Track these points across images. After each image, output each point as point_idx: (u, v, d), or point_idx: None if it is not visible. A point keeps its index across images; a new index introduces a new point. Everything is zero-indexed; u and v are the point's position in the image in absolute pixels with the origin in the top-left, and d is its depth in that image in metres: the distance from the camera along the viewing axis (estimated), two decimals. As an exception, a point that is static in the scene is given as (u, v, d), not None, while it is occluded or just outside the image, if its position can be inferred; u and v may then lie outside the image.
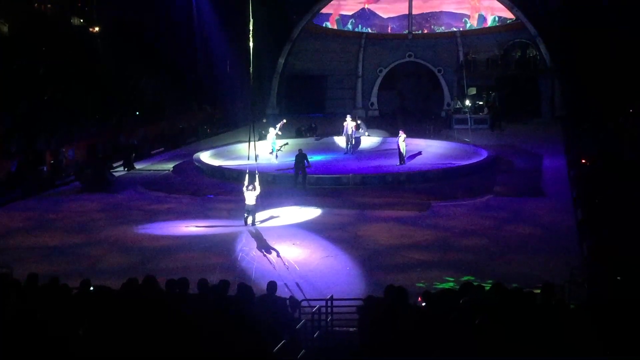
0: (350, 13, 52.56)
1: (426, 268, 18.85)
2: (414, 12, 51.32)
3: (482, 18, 50.35)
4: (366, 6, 52.43)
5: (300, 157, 29.05)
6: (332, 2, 52.14)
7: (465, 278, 17.63)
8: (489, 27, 49.85)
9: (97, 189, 28.76)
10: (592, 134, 33.00)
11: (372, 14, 52.39)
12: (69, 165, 32.27)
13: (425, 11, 51.50)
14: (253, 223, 22.93)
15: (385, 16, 52.23)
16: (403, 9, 51.74)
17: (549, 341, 9.13)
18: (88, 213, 25.59)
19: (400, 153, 32.48)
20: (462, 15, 50.85)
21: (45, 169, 31.08)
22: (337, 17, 52.64)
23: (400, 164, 32.32)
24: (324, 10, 52.34)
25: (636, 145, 27.20)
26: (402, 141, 32.39)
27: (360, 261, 19.50)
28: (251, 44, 26.33)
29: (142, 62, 42.17)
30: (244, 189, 22.88)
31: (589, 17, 42.39)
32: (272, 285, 12.39)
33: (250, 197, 22.78)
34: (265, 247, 20.81)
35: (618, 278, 14.01)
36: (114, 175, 31.39)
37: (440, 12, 51.31)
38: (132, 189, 29.46)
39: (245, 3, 30.09)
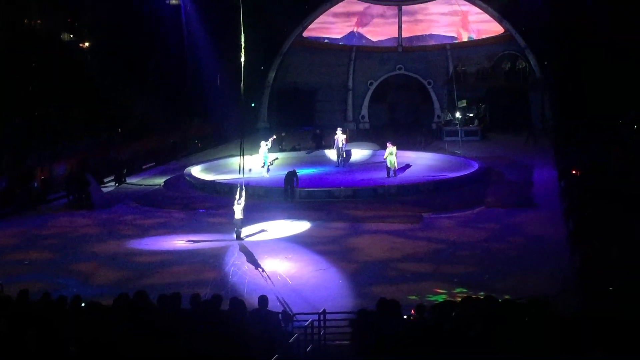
0: (339, 36, 52.61)
1: (418, 280, 18.84)
2: (404, 34, 51.46)
3: (471, 39, 50.55)
4: (355, 29, 52.53)
5: (291, 174, 29.15)
6: (321, 25, 52.21)
7: (458, 290, 17.67)
8: (478, 40, 49.99)
9: (81, 207, 28.62)
10: (582, 145, 33.09)
11: (361, 36, 52.49)
12: (60, 181, 32.15)
13: (414, 34, 51.60)
14: (238, 237, 22.95)
15: (374, 39, 52.29)
16: (392, 32, 51.80)
17: (541, 352, 9.13)
18: (79, 228, 25.52)
19: (387, 166, 32.53)
20: (452, 38, 50.97)
21: (35, 185, 30.99)
22: (325, 40, 52.72)
23: (388, 176, 32.35)
24: (314, 34, 52.43)
25: (626, 155, 27.28)
26: (389, 154, 32.42)
27: (352, 274, 19.49)
28: (242, 59, 26.35)
29: (132, 76, 42.14)
30: (235, 202, 22.90)
31: (578, 28, 42.62)
32: (263, 300, 12.37)
33: (238, 210, 22.80)
34: (257, 261, 20.78)
35: (610, 289, 14.02)
36: (101, 191, 31.24)
37: (430, 34, 51.43)
38: (123, 204, 29.39)
39: (235, 17, 30.14)
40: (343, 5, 51.84)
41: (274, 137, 36.68)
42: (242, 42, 26.44)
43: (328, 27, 52.38)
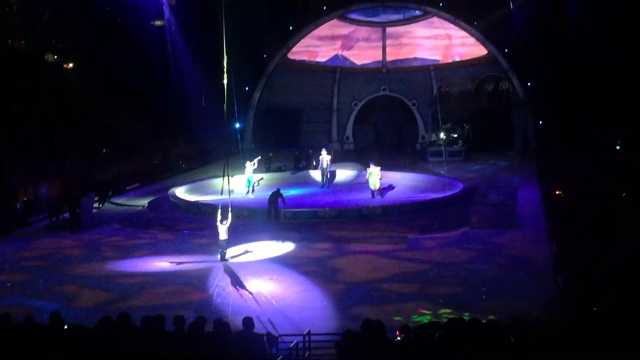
0: (324, 60, 52.80)
1: (403, 301, 18.83)
2: (388, 58, 51.76)
3: (455, 60, 50.87)
4: (340, 52, 52.75)
5: (275, 194, 29.15)
6: (306, 48, 52.43)
7: (442, 311, 17.67)
8: (462, 61, 50.29)
9: (70, 229, 28.46)
10: (565, 166, 33.31)
11: (346, 60, 52.70)
12: (43, 203, 31.95)
13: (399, 57, 51.89)
14: (223, 258, 22.85)
15: (359, 62, 52.51)
16: (377, 55, 52.07)
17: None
18: (62, 250, 25.36)
19: (371, 189, 32.60)
20: (436, 60, 51.25)
21: (18, 206, 30.79)
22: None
23: (372, 197, 32.41)
24: (298, 57, 52.61)
25: (609, 176, 27.44)
26: (369, 174, 32.47)
27: (337, 295, 19.46)
28: (225, 81, 26.37)
29: (116, 98, 42.11)
30: (218, 223, 22.84)
31: (560, 50, 43.02)
32: (248, 322, 12.31)
33: (223, 231, 22.74)
34: (241, 283, 20.71)
35: (594, 309, 14.07)
36: (91, 211, 31.11)
37: (414, 58, 51.69)
38: (107, 225, 29.26)
39: (219, 38, 30.27)
40: (328, 29, 52.09)
41: (259, 157, 36.66)
42: (225, 65, 26.46)
43: (313, 50, 52.58)
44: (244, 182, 34.11)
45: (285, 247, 24.86)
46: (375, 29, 51.75)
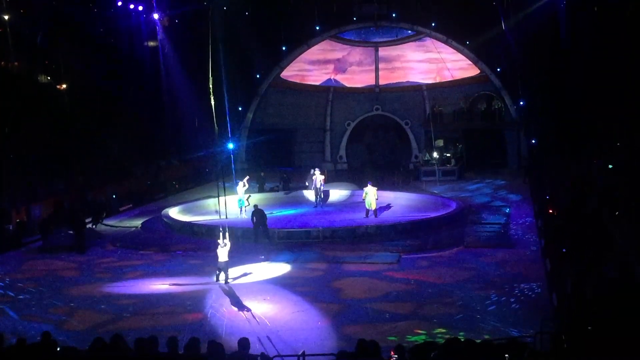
0: (316, 83, 52.99)
1: (397, 321, 18.78)
2: (381, 81, 52.00)
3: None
4: (332, 77, 52.95)
5: (257, 212, 29.13)
6: (298, 72, 52.68)
7: (437, 331, 17.63)
8: (454, 80, 50.54)
9: (78, 250, 28.29)
10: (558, 184, 33.37)
11: (338, 84, 52.90)
12: (36, 224, 31.85)
13: (391, 81, 52.12)
14: (226, 280, 22.72)
15: (351, 86, 52.76)
16: (369, 80, 52.34)
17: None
18: (55, 271, 25.25)
19: (366, 208, 32.60)
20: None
21: (11, 227, 30.69)
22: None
23: (367, 217, 32.41)
24: (291, 80, 52.81)
25: (601, 194, 27.50)
26: (366, 194, 32.49)
27: (332, 315, 19.40)
28: (212, 102, 26.44)
29: (109, 118, 42.14)
30: (220, 245, 22.71)
31: (552, 68, 43.26)
32: (243, 343, 12.25)
33: (223, 253, 22.62)
34: (235, 303, 20.64)
35: (589, 328, 14.05)
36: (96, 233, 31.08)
37: (407, 81, 51.90)
38: (100, 247, 29.18)
39: (212, 59, 30.46)
40: (320, 53, 52.36)
41: (248, 177, 36.48)
42: (210, 86, 26.45)
43: (305, 74, 52.75)
44: (236, 203, 34.05)
45: (279, 267, 24.81)
46: (368, 50, 51.97)
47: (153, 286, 22.92)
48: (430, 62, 51.12)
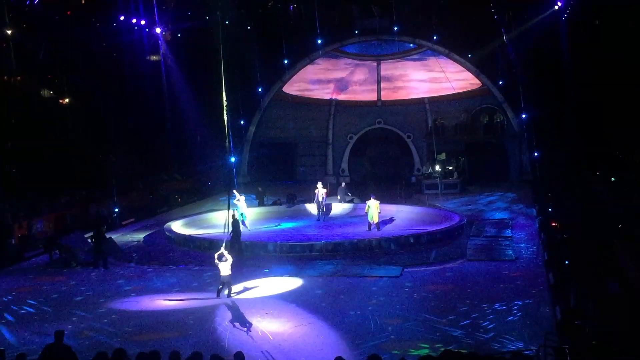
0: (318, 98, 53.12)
1: (401, 334, 18.71)
2: (383, 98, 52.11)
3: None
4: (333, 97, 53.00)
5: (235, 222, 29.15)
6: (299, 91, 52.75)
7: (440, 344, 17.56)
8: (456, 94, 50.55)
9: (103, 265, 27.89)
10: (562, 197, 33.38)
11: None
12: (37, 238, 31.83)
13: (393, 98, 52.18)
14: (229, 295, 22.64)
15: (353, 100, 52.83)
16: (370, 98, 52.43)
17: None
18: (57, 287, 25.19)
19: (369, 222, 32.55)
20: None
21: (13, 242, 30.66)
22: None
23: (369, 230, 32.37)
24: (293, 94, 52.94)
25: (604, 208, 27.51)
26: (368, 207, 32.44)
27: (334, 329, 19.33)
28: (225, 117, 26.42)
29: (112, 132, 42.23)
30: (216, 260, 22.63)
31: (554, 81, 43.33)
32: (239, 357, 12.20)
33: (225, 268, 22.53)
34: (237, 318, 20.58)
35: (593, 342, 14.01)
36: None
37: (409, 99, 51.98)
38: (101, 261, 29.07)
39: (215, 73, 30.41)
40: (322, 72, 52.37)
41: (234, 191, 36.02)
42: (225, 104, 26.44)
43: (307, 93, 52.79)
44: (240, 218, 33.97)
45: (282, 281, 24.76)
46: (369, 69, 51.96)
47: (154, 300, 22.86)
48: (432, 82, 51.09)
